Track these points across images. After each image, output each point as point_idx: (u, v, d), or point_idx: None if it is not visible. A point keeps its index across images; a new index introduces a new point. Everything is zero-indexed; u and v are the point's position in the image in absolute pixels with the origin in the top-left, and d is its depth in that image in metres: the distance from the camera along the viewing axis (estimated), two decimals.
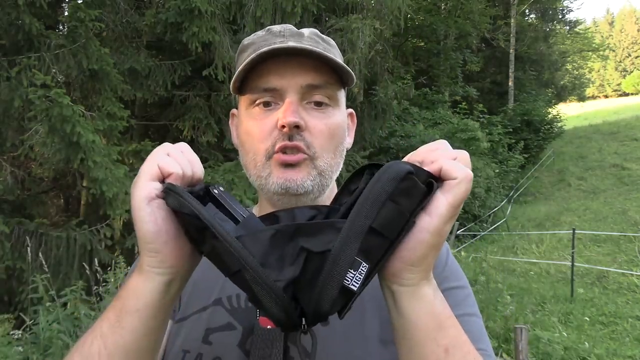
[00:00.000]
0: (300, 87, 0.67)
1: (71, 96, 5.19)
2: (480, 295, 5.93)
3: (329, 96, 0.70)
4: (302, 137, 0.67)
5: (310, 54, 0.66)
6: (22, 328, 3.47)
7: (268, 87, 0.68)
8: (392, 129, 13.93)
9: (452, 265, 0.75)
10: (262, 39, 0.71)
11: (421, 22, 19.56)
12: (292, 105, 0.66)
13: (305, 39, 0.70)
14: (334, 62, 0.67)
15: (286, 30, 0.71)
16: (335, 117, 0.71)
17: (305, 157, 0.67)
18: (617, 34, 74.95)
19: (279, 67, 0.67)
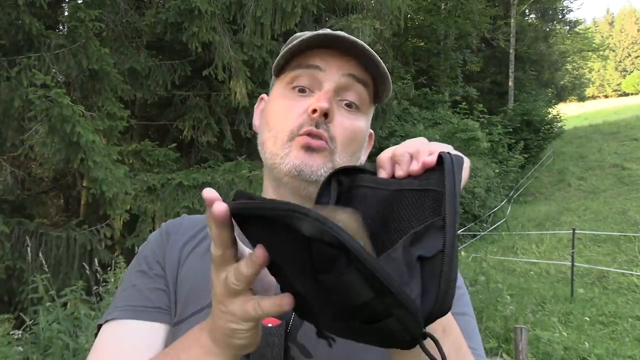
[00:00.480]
0: (340, 77, 0.69)
1: (71, 96, 5.19)
2: (480, 295, 5.93)
3: (361, 98, 0.71)
4: (328, 128, 0.68)
5: (362, 52, 0.68)
6: (22, 328, 3.47)
7: (311, 64, 0.69)
8: (392, 129, 13.93)
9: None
10: (312, 32, 0.73)
11: (421, 22, 19.56)
12: (328, 94, 0.68)
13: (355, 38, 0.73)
14: (380, 66, 0.69)
15: (340, 33, 0.74)
16: (360, 122, 0.72)
17: (327, 147, 0.68)
18: (617, 34, 74.97)
19: (325, 55, 0.69)
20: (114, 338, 0.68)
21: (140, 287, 0.72)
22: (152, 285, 0.73)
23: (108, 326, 0.70)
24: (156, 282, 0.73)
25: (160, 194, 6.09)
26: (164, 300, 0.72)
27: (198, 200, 6.10)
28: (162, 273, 0.74)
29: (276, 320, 0.64)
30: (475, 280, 6.40)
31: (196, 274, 0.73)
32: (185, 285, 0.72)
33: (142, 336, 0.68)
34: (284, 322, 0.64)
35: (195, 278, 0.72)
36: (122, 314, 0.69)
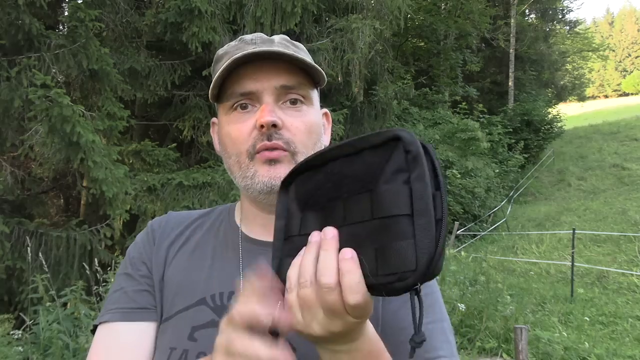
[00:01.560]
0: (274, 89, 0.71)
1: (71, 96, 5.19)
2: (480, 295, 5.93)
3: (303, 95, 0.73)
4: (281, 135, 0.70)
5: (281, 56, 0.70)
6: (22, 328, 3.47)
7: (244, 92, 0.71)
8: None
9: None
10: (236, 47, 0.75)
11: (421, 22, 19.57)
12: (269, 106, 0.70)
13: (275, 45, 0.74)
14: (305, 63, 0.71)
15: (257, 38, 0.75)
16: (310, 115, 0.74)
17: (286, 153, 0.70)
18: (617, 34, 74.96)
19: (253, 72, 0.71)
20: (107, 341, 0.74)
21: (127, 290, 0.77)
22: (138, 287, 0.77)
23: (101, 329, 0.75)
24: (141, 284, 0.77)
25: (160, 194, 6.09)
26: (150, 300, 0.76)
27: (198, 200, 6.10)
28: (148, 274, 0.78)
29: None
30: (475, 280, 6.40)
31: (182, 272, 0.77)
32: (172, 284, 0.76)
33: (131, 337, 0.73)
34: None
35: (181, 276, 0.77)
36: (113, 317, 0.75)
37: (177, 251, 0.80)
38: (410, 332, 0.67)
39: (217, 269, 0.76)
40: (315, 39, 8.02)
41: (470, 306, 5.53)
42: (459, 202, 12.74)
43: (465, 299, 5.69)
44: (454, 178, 12.80)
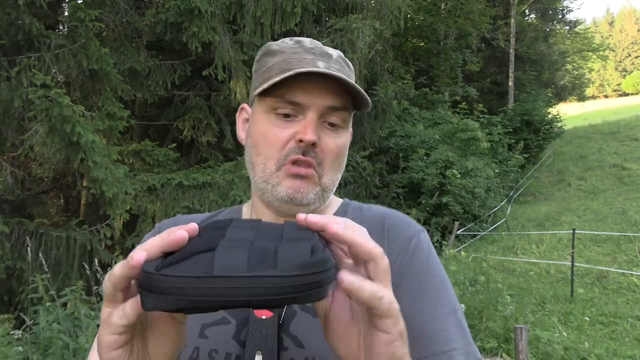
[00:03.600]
0: (322, 108, 0.72)
1: (71, 96, 5.19)
2: (480, 295, 5.93)
3: (343, 119, 0.75)
4: (315, 154, 0.72)
5: (338, 79, 0.71)
6: (22, 328, 3.47)
7: (293, 101, 0.72)
8: (392, 129, 13.92)
9: (433, 262, 0.76)
10: (293, 50, 0.75)
11: (421, 22, 19.56)
12: (313, 124, 0.71)
13: (333, 62, 0.75)
14: (356, 89, 0.72)
15: (317, 48, 0.76)
16: (343, 139, 0.76)
17: (315, 173, 0.72)
18: (617, 34, 74.98)
19: (307, 85, 0.72)
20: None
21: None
22: None
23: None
24: None
25: (160, 194, 6.09)
26: None
27: (198, 200, 6.11)
28: None
29: (269, 313, 0.68)
30: (475, 280, 6.40)
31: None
32: None
33: None
34: (276, 314, 0.68)
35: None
36: None
37: None
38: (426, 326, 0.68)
39: None
40: (315, 39, 8.02)
41: (470, 306, 5.53)
42: (459, 202, 12.73)
43: (465, 299, 5.69)
44: (454, 178, 12.79)
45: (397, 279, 0.68)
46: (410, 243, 0.75)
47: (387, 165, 13.35)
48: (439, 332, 0.68)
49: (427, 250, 0.77)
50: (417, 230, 0.79)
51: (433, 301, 0.71)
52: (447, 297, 0.73)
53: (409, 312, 0.66)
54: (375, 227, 0.75)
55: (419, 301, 0.70)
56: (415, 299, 0.70)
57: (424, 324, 0.68)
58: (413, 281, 0.72)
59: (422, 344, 0.67)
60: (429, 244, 0.79)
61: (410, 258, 0.74)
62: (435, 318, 0.69)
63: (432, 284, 0.73)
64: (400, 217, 0.81)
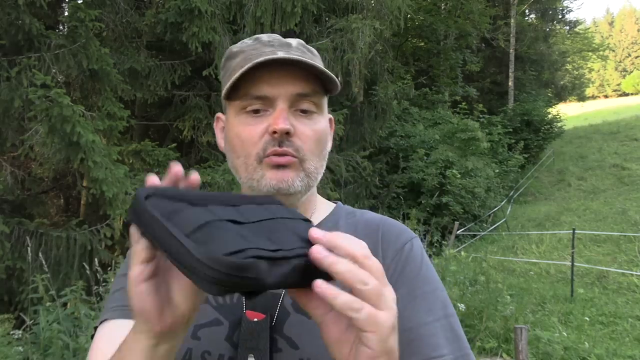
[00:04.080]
0: (290, 96, 0.72)
1: (71, 96, 5.20)
2: (480, 295, 5.93)
3: (315, 104, 0.74)
4: (291, 142, 0.71)
5: (299, 64, 0.70)
6: (22, 328, 3.47)
7: (259, 95, 0.72)
8: (392, 129, 13.93)
9: (425, 268, 0.77)
10: (252, 47, 0.75)
11: (421, 22, 19.56)
12: (283, 113, 0.71)
13: (293, 49, 0.74)
14: (322, 72, 0.72)
15: (275, 40, 0.75)
16: (320, 124, 0.76)
17: (295, 160, 0.72)
18: (617, 34, 74.99)
19: (270, 77, 0.71)
20: (106, 338, 0.73)
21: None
22: None
23: (101, 328, 0.75)
24: None
25: None
26: None
27: None
28: None
29: (261, 315, 0.69)
30: (475, 280, 6.40)
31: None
32: None
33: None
34: (268, 316, 0.69)
35: None
36: (113, 314, 0.75)
37: None
38: (415, 332, 0.69)
39: None
40: (315, 39, 8.02)
41: (470, 306, 5.53)
42: (459, 202, 12.73)
43: (465, 299, 5.69)
44: (454, 178, 12.79)
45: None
46: (404, 250, 0.76)
47: (387, 165, 13.35)
48: (428, 337, 0.69)
49: (419, 257, 0.77)
50: (410, 237, 0.79)
51: (424, 307, 0.71)
52: (439, 302, 0.74)
53: (400, 317, 0.68)
54: (370, 234, 0.76)
55: (410, 307, 0.70)
56: (406, 305, 0.70)
57: (414, 329, 0.69)
58: (406, 287, 0.72)
59: (411, 349, 0.67)
60: (421, 250, 0.79)
61: (403, 265, 0.74)
62: (425, 324, 0.70)
63: (424, 289, 0.74)
64: (393, 223, 0.81)
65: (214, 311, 0.73)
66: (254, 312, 0.70)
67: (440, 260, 7.07)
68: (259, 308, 0.71)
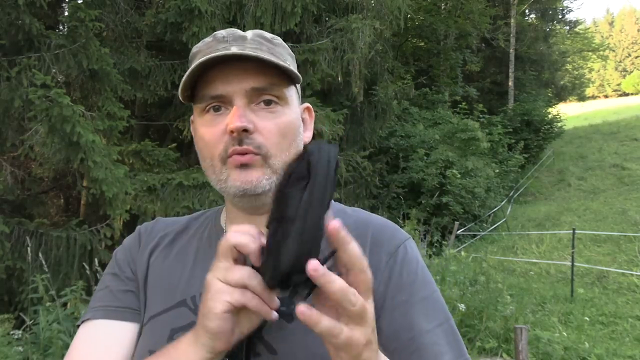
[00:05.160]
0: (245, 92, 0.69)
1: (71, 96, 5.19)
2: (480, 295, 5.93)
3: (277, 96, 0.71)
4: (252, 139, 0.69)
5: (251, 58, 0.68)
6: (22, 328, 3.47)
7: (215, 95, 0.70)
8: (392, 129, 13.93)
9: (421, 272, 0.75)
10: (208, 45, 0.73)
11: (421, 22, 19.56)
12: (239, 110, 0.68)
13: (248, 42, 0.71)
14: (275, 65, 0.69)
15: (229, 35, 0.73)
16: (286, 116, 0.72)
17: (257, 157, 0.69)
18: (617, 34, 74.97)
19: (223, 74, 0.69)
20: (87, 338, 0.74)
21: (112, 289, 0.78)
22: (123, 287, 0.78)
23: (83, 327, 0.75)
24: (127, 284, 0.78)
25: (160, 194, 6.09)
26: (134, 301, 0.77)
27: (198, 200, 6.10)
28: (132, 276, 0.79)
29: None
30: (475, 280, 6.40)
31: (163, 274, 0.78)
32: (153, 286, 0.77)
33: (112, 334, 0.73)
34: None
35: (162, 279, 0.77)
36: (95, 314, 0.75)
37: (160, 254, 0.80)
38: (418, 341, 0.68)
39: (199, 269, 0.75)
40: (315, 39, 8.02)
41: (470, 306, 5.52)
42: (459, 202, 12.73)
43: (465, 299, 5.69)
44: (454, 178, 12.79)
45: (382, 290, 0.70)
46: (397, 253, 0.74)
47: (387, 165, 13.35)
48: (431, 346, 0.68)
49: (415, 260, 0.75)
50: (403, 238, 0.77)
51: (424, 314, 0.70)
52: (437, 307, 0.73)
53: (400, 326, 0.70)
54: (359, 235, 0.72)
55: (409, 315, 0.70)
56: (406, 312, 0.70)
57: (416, 339, 0.68)
58: (404, 294, 0.71)
59: (415, 359, 0.67)
60: (416, 252, 0.77)
61: (399, 271, 0.72)
62: (427, 332, 0.69)
63: (422, 295, 0.72)
64: (384, 224, 0.78)
65: (191, 314, 0.71)
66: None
67: (440, 260, 7.07)
68: None
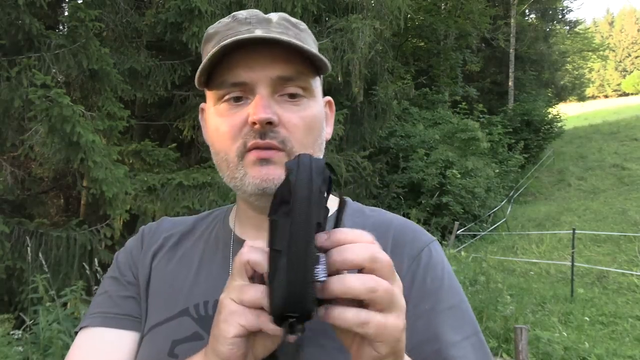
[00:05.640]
0: (270, 80, 0.63)
1: (71, 96, 5.19)
2: (480, 295, 5.93)
3: (303, 87, 0.65)
4: (276, 133, 0.62)
5: (280, 43, 0.61)
6: (22, 328, 3.47)
7: (236, 82, 0.63)
8: (392, 129, 13.93)
9: (448, 278, 0.69)
10: (227, 27, 0.66)
11: (421, 22, 19.56)
12: (263, 100, 0.61)
13: (273, 26, 0.65)
14: (306, 51, 0.62)
15: (252, 17, 0.66)
16: (311, 109, 0.66)
17: (281, 153, 0.63)
18: (617, 34, 74.99)
19: (247, 59, 0.62)
20: (83, 348, 0.69)
21: (111, 294, 0.72)
22: (123, 292, 0.72)
23: (80, 335, 0.71)
24: (127, 289, 0.72)
25: (160, 194, 6.09)
26: (135, 308, 0.71)
27: (198, 200, 6.10)
28: (134, 281, 0.73)
29: None
30: (475, 280, 6.40)
31: (166, 280, 0.72)
32: (155, 293, 0.72)
33: (109, 344, 0.68)
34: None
35: (164, 285, 0.72)
36: (93, 322, 0.70)
37: (163, 257, 0.74)
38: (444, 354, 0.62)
39: (204, 274, 0.70)
40: (315, 39, 8.02)
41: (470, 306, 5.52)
42: (459, 202, 12.74)
43: None
44: (454, 178, 12.79)
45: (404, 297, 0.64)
46: (421, 257, 0.67)
47: (387, 165, 13.35)
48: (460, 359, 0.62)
49: (440, 265, 0.69)
50: (428, 241, 0.70)
51: (451, 324, 0.64)
52: (465, 318, 0.67)
53: (425, 337, 0.63)
54: (378, 237, 0.67)
55: (435, 325, 0.63)
56: (431, 322, 0.63)
57: (442, 351, 0.62)
58: (428, 302, 0.64)
59: None
60: (442, 256, 0.70)
61: (423, 276, 0.66)
62: (454, 344, 0.63)
63: (450, 303, 0.66)
64: (407, 225, 0.72)
65: (194, 324, 0.66)
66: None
67: None
68: None
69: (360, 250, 0.45)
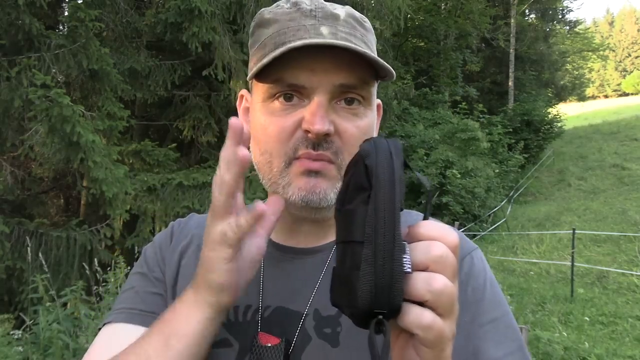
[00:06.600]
0: (332, 87, 0.58)
1: (71, 96, 5.19)
2: None
3: (363, 96, 0.61)
4: (330, 143, 0.59)
5: (350, 50, 0.56)
6: (22, 328, 3.47)
7: (294, 83, 0.58)
8: (392, 129, 13.93)
9: (491, 289, 0.64)
10: (289, 17, 0.60)
11: (421, 22, 19.57)
12: (321, 110, 0.57)
13: (341, 24, 0.60)
14: (373, 60, 0.58)
15: (318, 10, 0.60)
16: (368, 118, 0.62)
17: (332, 166, 0.59)
18: (617, 34, 75.02)
19: (310, 61, 0.57)
20: (104, 343, 0.67)
21: (138, 290, 0.70)
22: (150, 289, 0.70)
23: (103, 330, 0.69)
24: (155, 285, 0.70)
25: (160, 194, 6.09)
26: (161, 306, 0.68)
27: (198, 200, 6.10)
28: (162, 277, 0.71)
29: (275, 339, 0.60)
30: None
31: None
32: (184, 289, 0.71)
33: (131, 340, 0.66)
34: (284, 341, 0.60)
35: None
36: (117, 317, 0.68)
37: (192, 255, 0.71)
38: None
39: None
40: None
41: None
42: (459, 202, 12.74)
43: None
44: (454, 178, 12.80)
45: None
46: (462, 266, 0.63)
47: None
48: None
49: (482, 275, 0.64)
50: (469, 249, 0.66)
51: (492, 339, 0.60)
52: (509, 333, 0.62)
53: (463, 351, 0.58)
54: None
55: (476, 339, 0.59)
56: (470, 336, 0.59)
57: None
58: (469, 314, 0.60)
59: None
60: (484, 265, 0.66)
61: (464, 285, 0.61)
62: (502, 357, 0.59)
63: (492, 315, 0.62)
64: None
65: (224, 330, 0.63)
66: (269, 335, 0.61)
67: None
68: (276, 330, 0.61)
69: (440, 249, 0.42)
